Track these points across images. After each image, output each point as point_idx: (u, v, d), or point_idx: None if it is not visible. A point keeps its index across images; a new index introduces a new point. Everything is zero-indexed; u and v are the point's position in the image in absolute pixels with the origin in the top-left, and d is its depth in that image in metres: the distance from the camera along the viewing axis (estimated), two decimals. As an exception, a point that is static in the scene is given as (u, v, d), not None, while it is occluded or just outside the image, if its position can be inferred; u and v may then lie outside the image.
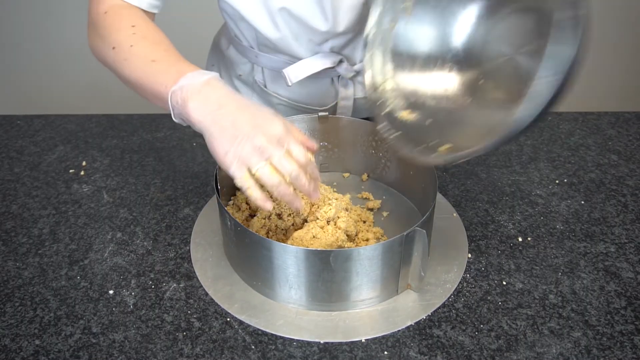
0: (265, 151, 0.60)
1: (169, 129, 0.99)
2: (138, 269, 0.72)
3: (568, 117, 1.04)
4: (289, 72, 0.83)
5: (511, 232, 0.78)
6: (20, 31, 2.13)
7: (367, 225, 0.76)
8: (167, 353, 0.62)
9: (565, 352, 0.62)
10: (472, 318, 0.66)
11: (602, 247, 0.76)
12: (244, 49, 0.90)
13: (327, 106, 0.92)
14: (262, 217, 0.73)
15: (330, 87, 0.90)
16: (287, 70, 0.83)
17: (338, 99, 0.91)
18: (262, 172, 0.60)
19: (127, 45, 0.68)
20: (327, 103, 0.92)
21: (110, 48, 0.69)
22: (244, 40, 0.89)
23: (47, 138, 0.97)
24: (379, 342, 0.63)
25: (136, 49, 0.67)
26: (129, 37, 0.68)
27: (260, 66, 0.90)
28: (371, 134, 0.82)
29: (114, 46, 0.69)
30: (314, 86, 0.90)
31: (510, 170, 0.90)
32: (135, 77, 0.67)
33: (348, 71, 0.87)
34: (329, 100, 0.92)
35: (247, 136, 0.60)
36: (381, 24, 0.75)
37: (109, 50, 0.69)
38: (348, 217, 0.72)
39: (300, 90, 0.91)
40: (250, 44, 0.88)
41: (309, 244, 0.68)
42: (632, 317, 0.66)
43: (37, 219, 0.80)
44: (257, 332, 0.64)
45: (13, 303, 0.67)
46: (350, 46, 0.86)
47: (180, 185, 0.86)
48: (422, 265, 0.65)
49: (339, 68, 0.86)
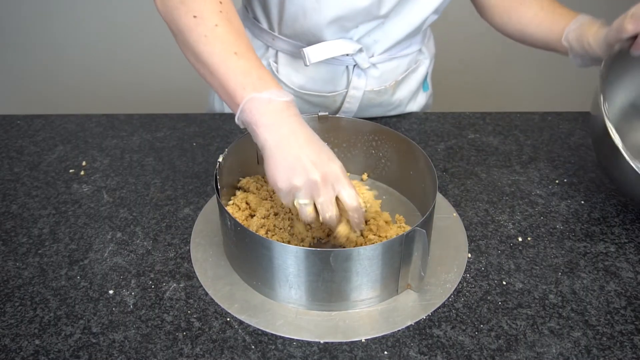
0: (314, 190, 0.62)
1: (169, 129, 0.99)
2: (138, 268, 0.72)
3: (568, 117, 1.04)
4: (309, 52, 0.84)
5: (511, 232, 0.78)
6: (21, 31, 2.13)
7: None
8: (167, 353, 0.62)
9: (565, 352, 0.62)
10: (472, 318, 0.66)
11: (602, 247, 0.76)
12: (260, 31, 0.91)
13: (337, 92, 0.94)
14: (260, 216, 0.73)
15: (344, 75, 0.93)
16: (307, 49, 0.85)
17: (349, 87, 0.92)
18: (302, 210, 0.63)
19: (211, 23, 0.65)
20: (337, 90, 0.94)
21: (191, 15, 0.66)
22: (264, 22, 0.90)
23: (47, 138, 0.97)
24: (379, 342, 0.63)
25: (220, 30, 0.65)
26: (215, 13, 0.66)
27: (275, 49, 0.91)
28: (371, 133, 0.82)
29: (195, 15, 0.66)
30: (328, 71, 0.92)
31: (510, 170, 0.90)
32: (211, 61, 0.65)
33: (365, 61, 0.90)
34: (340, 88, 0.94)
35: (304, 170, 0.61)
36: None
37: (188, 16, 0.66)
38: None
39: (314, 74, 0.92)
40: (270, 26, 0.89)
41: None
42: (632, 317, 0.66)
43: (37, 218, 0.80)
44: (257, 332, 0.64)
45: (13, 303, 0.67)
46: (373, 37, 0.88)
47: (180, 185, 0.86)
48: (422, 265, 0.65)
49: (356, 57, 0.89)
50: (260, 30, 0.92)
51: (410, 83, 1.00)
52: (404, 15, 0.87)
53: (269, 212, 0.74)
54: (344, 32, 0.86)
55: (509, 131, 1.00)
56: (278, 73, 0.94)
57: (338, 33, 0.85)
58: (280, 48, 0.91)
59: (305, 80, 0.94)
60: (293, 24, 0.86)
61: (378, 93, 0.96)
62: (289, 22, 0.86)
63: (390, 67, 0.94)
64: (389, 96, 0.98)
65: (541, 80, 2.23)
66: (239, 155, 0.78)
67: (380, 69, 0.93)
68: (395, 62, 0.95)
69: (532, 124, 1.02)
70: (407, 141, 0.78)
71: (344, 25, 0.84)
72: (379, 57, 0.92)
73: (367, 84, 0.94)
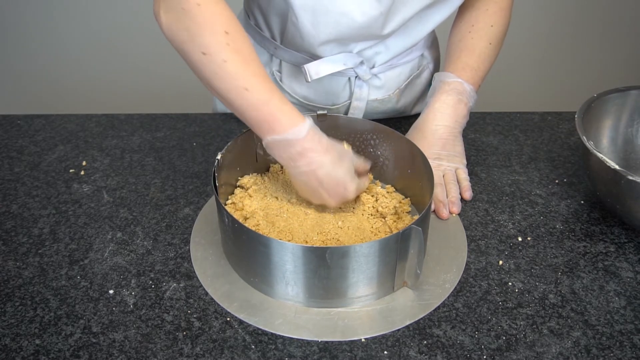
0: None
1: (169, 129, 0.99)
2: (138, 268, 0.72)
3: (568, 117, 1.04)
4: (310, 68, 0.85)
5: (511, 232, 0.78)
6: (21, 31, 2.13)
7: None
8: (167, 353, 0.62)
9: (565, 351, 0.62)
10: (472, 318, 0.66)
11: (602, 246, 0.76)
12: (262, 39, 0.91)
13: (340, 105, 0.95)
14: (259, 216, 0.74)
15: (346, 87, 0.93)
16: (308, 66, 0.85)
17: (352, 99, 0.93)
18: None
19: (219, 58, 0.66)
20: (341, 102, 0.94)
21: (200, 52, 0.66)
22: (266, 31, 0.90)
23: (47, 138, 0.97)
24: (378, 342, 0.63)
25: (229, 67, 0.66)
26: (222, 47, 0.66)
27: (279, 59, 0.91)
28: (370, 132, 0.82)
29: (204, 51, 0.66)
30: (330, 84, 0.92)
31: (510, 170, 0.90)
32: (226, 97, 0.68)
33: (366, 73, 0.90)
34: (343, 99, 0.94)
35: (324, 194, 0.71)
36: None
37: (198, 53, 0.66)
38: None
39: (317, 87, 0.93)
40: (272, 36, 0.89)
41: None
42: (632, 316, 0.67)
43: (37, 218, 0.80)
44: (257, 332, 0.64)
45: (13, 303, 0.67)
46: (374, 49, 0.88)
47: (180, 185, 0.86)
48: (419, 262, 0.65)
49: (357, 69, 0.89)
50: (263, 38, 0.91)
51: (414, 89, 0.99)
52: (409, 31, 0.87)
53: (267, 211, 0.75)
54: (344, 47, 0.85)
55: (509, 131, 1.00)
56: (282, 83, 0.94)
57: (338, 49, 0.85)
58: (283, 58, 0.91)
59: (308, 92, 0.94)
60: (293, 39, 0.86)
61: (382, 102, 0.96)
62: (289, 37, 0.86)
63: (392, 75, 0.94)
64: (394, 104, 0.97)
65: (541, 80, 2.23)
66: (238, 154, 0.78)
67: (382, 78, 0.93)
68: (397, 70, 0.94)
69: (532, 124, 1.02)
70: (404, 140, 0.78)
71: (344, 41, 0.84)
72: (379, 68, 0.91)
73: (370, 93, 0.93)
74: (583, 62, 2.18)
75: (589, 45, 2.14)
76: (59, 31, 2.11)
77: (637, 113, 0.86)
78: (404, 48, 0.90)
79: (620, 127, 0.87)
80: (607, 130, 0.86)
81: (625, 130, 0.87)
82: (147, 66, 2.11)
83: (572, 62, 2.20)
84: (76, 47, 2.13)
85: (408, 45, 0.90)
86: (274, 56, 0.92)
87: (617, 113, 0.86)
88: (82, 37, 2.11)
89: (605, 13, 2.10)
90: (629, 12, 2.11)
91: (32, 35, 2.13)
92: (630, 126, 0.86)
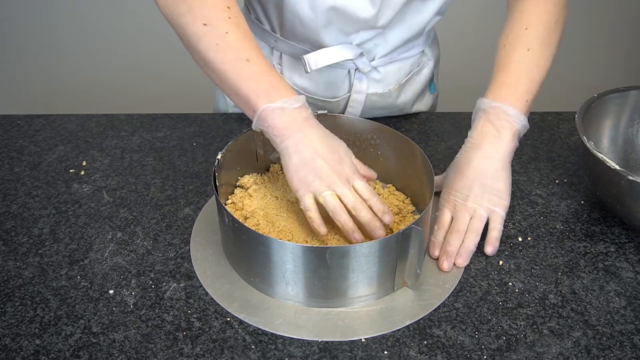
0: (331, 182, 0.67)
1: (169, 129, 0.99)
2: (138, 268, 0.72)
3: (568, 117, 1.04)
4: (309, 59, 0.85)
5: (511, 232, 0.78)
6: (21, 31, 2.13)
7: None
8: (167, 353, 0.62)
9: (565, 351, 0.62)
10: (472, 318, 0.66)
11: (602, 247, 0.76)
12: (263, 32, 0.92)
13: (340, 97, 0.95)
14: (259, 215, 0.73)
15: (346, 79, 0.93)
16: (308, 56, 0.85)
17: (352, 91, 0.93)
18: (327, 198, 0.67)
19: (221, 30, 0.67)
20: (340, 95, 0.94)
21: (200, 23, 0.67)
22: (266, 23, 0.90)
23: (47, 138, 0.97)
24: (379, 342, 0.63)
25: (230, 38, 0.67)
26: (224, 20, 0.67)
27: (279, 51, 0.92)
28: (370, 132, 0.82)
29: (205, 22, 0.67)
30: (330, 76, 0.92)
31: (510, 170, 0.90)
32: (222, 68, 0.67)
33: (366, 65, 0.90)
34: (343, 92, 0.94)
35: (320, 170, 0.67)
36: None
37: (198, 24, 0.67)
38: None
39: (317, 78, 0.93)
40: (272, 28, 0.89)
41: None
42: (632, 316, 0.67)
43: (37, 218, 0.80)
44: (257, 332, 0.64)
45: (13, 303, 0.67)
46: (373, 41, 0.88)
47: (180, 185, 0.86)
48: (418, 262, 0.65)
49: (357, 61, 0.89)
50: (263, 32, 0.92)
51: (414, 85, 1.00)
52: (405, 22, 0.87)
53: (267, 210, 0.75)
54: (344, 37, 0.86)
55: (509, 131, 0.99)
56: (282, 75, 0.94)
57: (338, 38, 0.86)
58: (284, 50, 0.91)
59: (308, 84, 0.94)
60: (292, 29, 0.86)
61: (382, 96, 0.96)
62: (288, 27, 0.86)
63: (392, 70, 0.94)
64: (393, 99, 0.98)
65: (541, 80, 2.22)
66: (238, 154, 0.78)
67: (381, 72, 0.93)
68: (397, 65, 0.94)
69: (532, 124, 1.01)
70: (405, 139, 0.78)
71: (344, 30, 0.84)
72: (379, 61, 0.92)
73: (370, 87, 0.94)
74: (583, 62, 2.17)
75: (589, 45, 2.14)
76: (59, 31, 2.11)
77: (637, 113, 0.86)
78: (403, 40, 0.90)
79: (620, 127, 0.87)
80: (607, 130, 0.86)
81: (625, 130, 0.87)
82: (147, 66, 2.11)
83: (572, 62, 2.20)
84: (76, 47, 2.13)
85: (407, 37, 0.90)
86: (274, 49, 0.92)
87: (617, 113, 0.86)
88: (82, 37, 2.11)
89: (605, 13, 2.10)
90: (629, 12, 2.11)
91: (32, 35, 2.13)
92: (630, 126, 0.86)
